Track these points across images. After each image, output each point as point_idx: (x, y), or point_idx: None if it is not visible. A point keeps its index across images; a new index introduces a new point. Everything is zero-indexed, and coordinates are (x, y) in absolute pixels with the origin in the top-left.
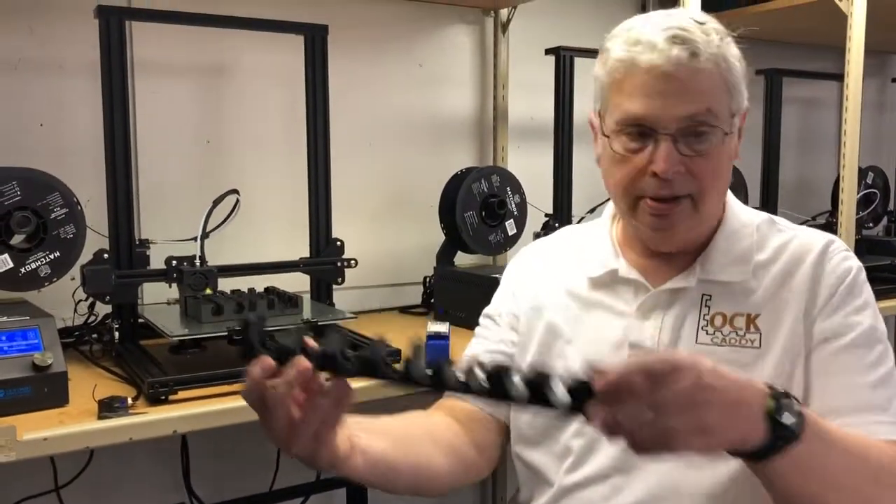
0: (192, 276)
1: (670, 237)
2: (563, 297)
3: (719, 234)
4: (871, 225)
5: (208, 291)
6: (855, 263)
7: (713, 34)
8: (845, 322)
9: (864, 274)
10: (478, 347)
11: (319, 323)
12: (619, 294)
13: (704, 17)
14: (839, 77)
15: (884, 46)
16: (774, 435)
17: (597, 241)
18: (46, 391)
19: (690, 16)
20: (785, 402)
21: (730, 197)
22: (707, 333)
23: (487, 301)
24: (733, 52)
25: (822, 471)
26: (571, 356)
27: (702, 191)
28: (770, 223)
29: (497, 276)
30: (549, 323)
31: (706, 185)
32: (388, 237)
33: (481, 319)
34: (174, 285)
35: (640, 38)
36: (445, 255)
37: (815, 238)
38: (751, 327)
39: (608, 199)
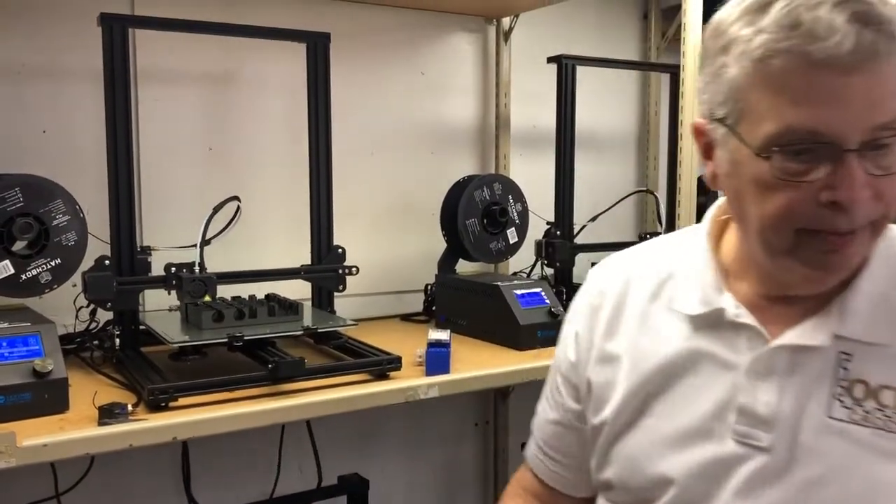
0: (190, 283)
1: (829, 279)
2: (650, 340)
3: (867, 272)
4: None
5: (207, 299)
6: None
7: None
8: None
9: None
10: (543, 412)
11: (320, 330)
12: (726, 339)
13: None
14: None
15: None
16: None
17: (695, 264)
18: (47, 397)
19: None
20: None
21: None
22: (843, 406)
23: (489, 309)
24: None
25: None
26: (659, 419)
27: (886, 216)
28: None
29: (499, 283)
30: (629, 374)
31: (890, 208)
32: (390, 244)
33: (551, 366)
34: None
35: (803, 15)
36: (447, 262)
37: None
38: None
39: (616, 204)
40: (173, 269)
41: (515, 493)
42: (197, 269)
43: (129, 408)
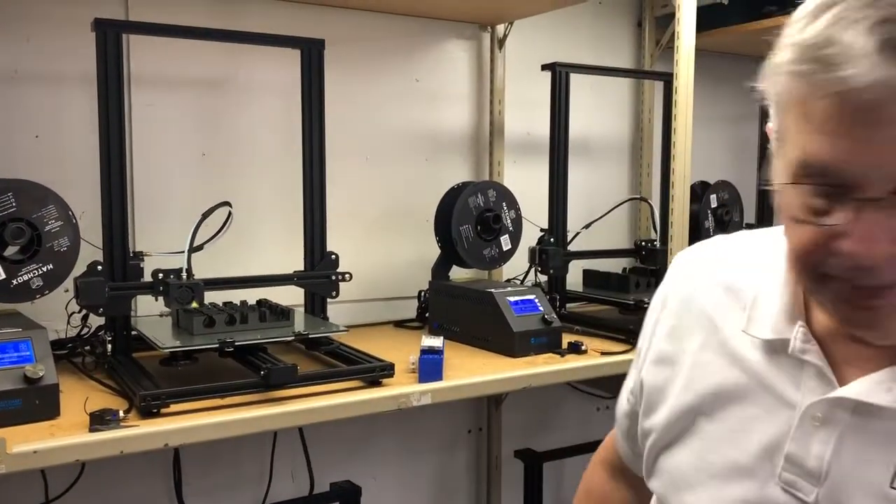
0: (178, 289)
1: (881, 336)
2: (714, 355)
3: None
4: None
5: (195, 305)
6: None
7: None
8: None
9: None
10: (620, 395)
11: (311, 336)
12: (791, 373)
13: None
14: None
15: None
16: None
17: (776, 281)
18: (37, 403)
19: None
20: None
21: None
22: None
23: (482, 315)
24: None
25: None
26: (708, 444)
27: None
28: None
29: (492, 290)
30: (685, 387)
31: None
32: (384, 251)
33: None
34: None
35: (834, 36)
36: (440, 269)
37: None
38: None
39: (610, 211)
40: (160, 276)
41: (602, 460)
42: (185, 275)
43: (121, 414)
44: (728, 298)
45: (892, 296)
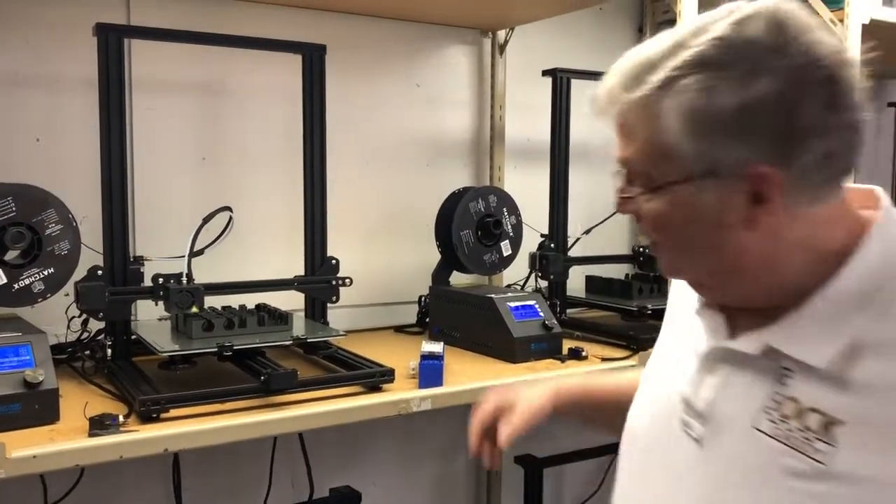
0: (178, 293)
1: (698, 290)
2: (678, 309)
3: (822, 292)
4: None
5: (194, 309)
6: None
7: (671, 62)
8: None
9: None
10: None
11: (309, 340)
12: (703, 330)
13: (696, 42)
14: None
15: (879, 72)
16: None
17: None
18: (37, 408)
19: (671, 38)
20: None
21: (876, 242)
22: (769, 419)
23: (482, 321)
24: (704, 95)
25: None
26: (653, 381)
27: (657, 248)
28: None
29: (493, 295)
30: (665, 331)
31: (656, 237)
32: (384, 256)
33: None
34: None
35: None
36: (441, 274)
37: None
38: (825, 435)
39: (604, 220)
40: (161, 280)
41: None
42: (185, 279)
43: (121, 419)
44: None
45: (659, 250)
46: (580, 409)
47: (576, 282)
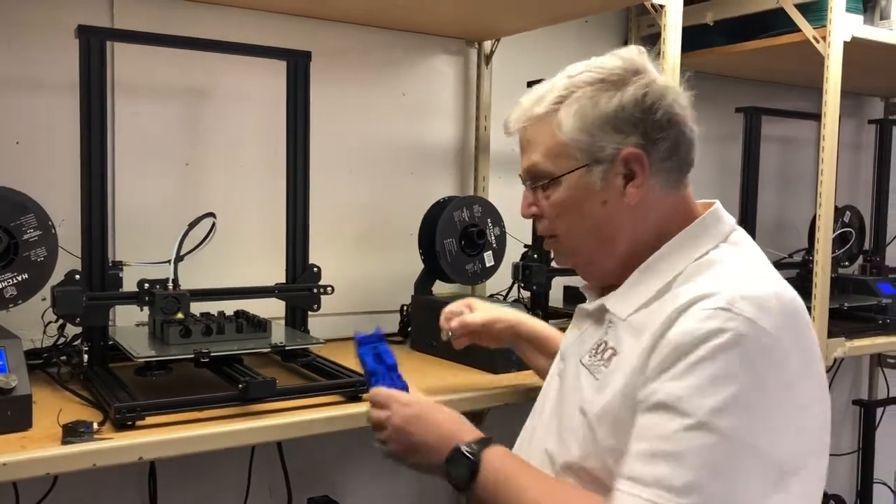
0: (164, 299)
1: (581, 273)
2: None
3: (636, 271)
4: (846, 264)
5: (180, 316)
6: (710, 326)
7: (557, 85)
8: (661, 387)
9: (722, 340)
10: None
11: (287, 347)
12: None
13: (577, 71)
14: (817, 117)
15: (861, 89)
16: (450, 478)
17: None
18: (9, 414)
19: (565, 74)
20: (459, 454)
21: (678, 240)
22: (590, 356)
23: None
24: (585, 105)
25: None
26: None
27: (556, 233)
28: (701, 267)
29: None
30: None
31: (555, 227)
32: (366, 264)
33: None
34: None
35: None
36: (423, 283)
37: (697, 290)
38: (607, 362)
39: None
40: (146, 286)
41: None
42: (171, 285)
43: (95, 426)
44: None
45: (554, 243)
46: (535, 340)
47: (557, 292)
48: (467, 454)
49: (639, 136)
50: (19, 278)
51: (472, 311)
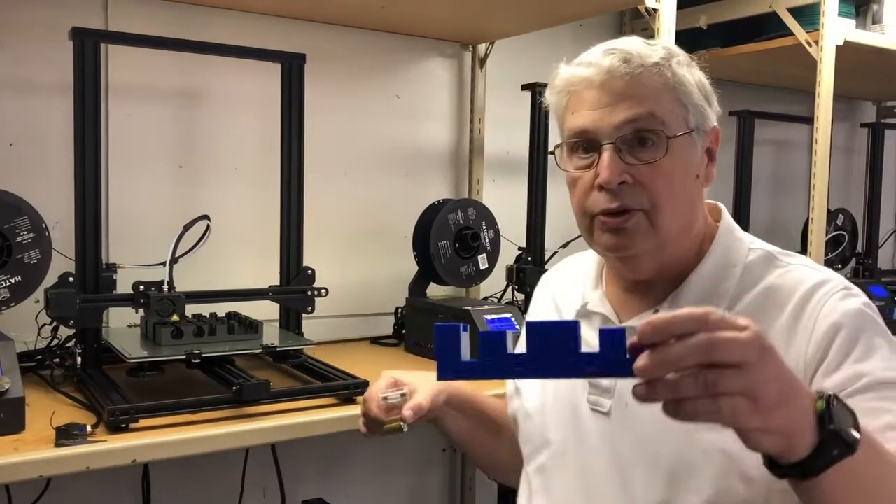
0: (159, 301)
1: (631, 261)
2: (555, 318)
3: (696, 272)
4: (839, 266)
5: (175, 318)
6: (853, 305)
7: (659, 49)
8: (852, 373)
9: (867, 313)
10: None
11: (279, 349)
12: (593, 327)
13: (662, 42)
14: (810, 120)
15: (853, 92)
16: (827, 442)
17: (586, 271)
18: (2, 417)
19: (644, 40)
20: (836, 405)
21: (724, 231)
22: None
23: None
24: (685, 70)
25: (880, 488)
26: (545, 381)
27: (655, 205)
28: (767, 260)
29: (469, 308)
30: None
31: (659, 198)
32: (361, 267)
33: None
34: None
35: (579, 59)
36: (418, 285)
37: (807, 277)
38: None
39: (580, 234)
40: (141, 288)
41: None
42: (166, 287)
43: (88, 429)
44: (566, 287)
45: (632, 218)
46: (466, 407)
47: None
48: (842, 403)
49: (714, 113)
50: (12, 281)
51: (401, 389)
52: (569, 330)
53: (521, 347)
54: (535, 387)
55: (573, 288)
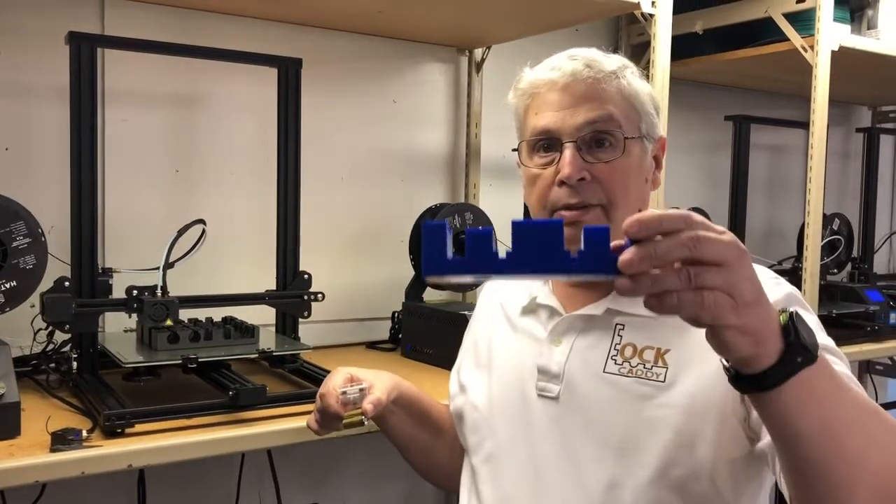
0: (152, 306)
1: None
2: (501, 319)
3: None
4: (835, 271)
5: (169, 323)
6: (783, 291)
7: (616, 59)
8: None
9: (795, 296)
10: None
11: (275, 353)
12: (540, 320)
13: (618, 54)
14: (805, 125)
15: (849, 97)
16: (792, 349)
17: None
18: None
19: (600, 51)
20: (797, 317)
21: None
22: (615, 363)
23: (455, 337)
24: (638, 80)
25: (835, 401)
26: (491, 374)
27: (612, 201)
28: None
29: (465, 312)
30: (480, 338)
31: (615, 195)
32: (357, 271)
33: None
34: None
35: (543, 64)
36: (414, 290)
37: None
38: (659, 361)
39: None
40: (135, 292)
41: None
42: (159, 292)
43: (84, 434)
44: (513, 290)
45: (590, 213)
46: (412, 407)
47: None
48: (801, 318)
49: (660, 124)
50: (7, 286)
51: (361, 384)
52: (553, 228)
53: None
54: (482, 381)
55: (519, 286)
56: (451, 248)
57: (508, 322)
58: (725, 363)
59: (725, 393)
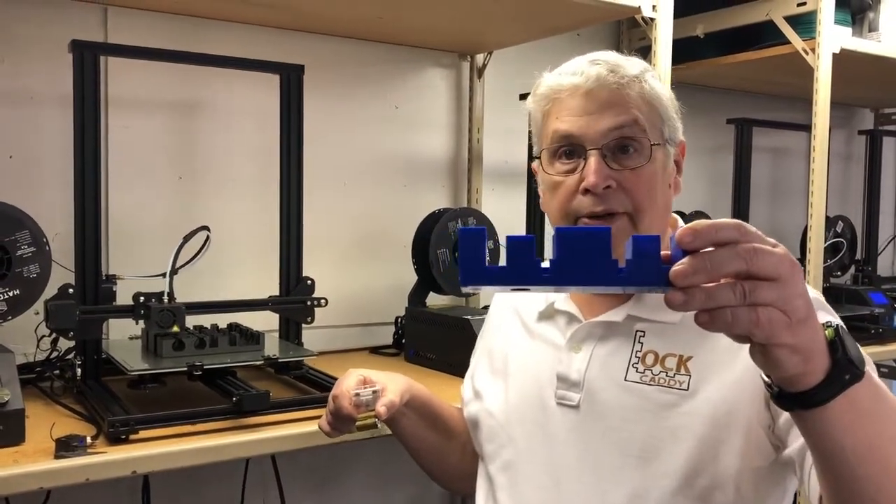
0: (159, 312)
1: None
2: (517, 324)
3: None
4: (838, 273)
5: (176, 329)
6: (811, 294)
7: (636, 62)
8: None
9: (821, 300)
10: None
11: (280, 360)
12: (558, 326)
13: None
14: (807, 128)
15: (851, 100)
16: (840, 367)
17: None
18: (2, 429)
19: (620, 54)
20: (844, 332)
21: None
22: (637, 371)
23: (458, 342)
24: (658, 84)
25: (881, 416)
26: (508, 381)
27: (638, 209)
28: None
29: (469, 317)
30: (494, 344)
31: (641, 203)
32: (360, 277)
33: None
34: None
35: (564, 68)
36: (417, 295)
37: None
38: (681, 369)
39: None
40: (142, 299)
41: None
42: (166, 298)
43: (88, 440)
44: (530, 297)
45: (616, 222)
46: (424, 409)
47: None
48: (847, 332)
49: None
50: (10, 294)
51: (374, 386)
52: (601, 236)
53: None
54: (498, 388)
55: (535, 293)
56: (488, 255)
57: (525, 327)
58: (767, 379)
59: (750, 401)
